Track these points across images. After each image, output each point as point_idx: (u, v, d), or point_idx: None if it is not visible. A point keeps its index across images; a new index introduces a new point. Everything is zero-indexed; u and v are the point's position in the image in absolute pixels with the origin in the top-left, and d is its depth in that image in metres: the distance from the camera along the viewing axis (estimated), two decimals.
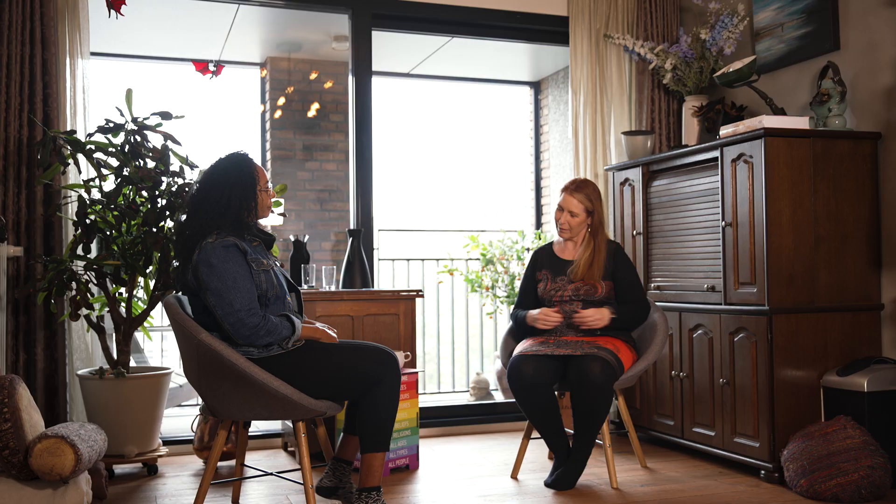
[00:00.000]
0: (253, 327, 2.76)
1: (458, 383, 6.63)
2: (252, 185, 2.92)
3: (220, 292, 2.76)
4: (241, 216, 2.89)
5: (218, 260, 2.77)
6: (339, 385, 2.88)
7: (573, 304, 3.59)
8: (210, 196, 2.88)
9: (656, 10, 4.80)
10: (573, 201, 3.64)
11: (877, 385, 3.33)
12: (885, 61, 3.64)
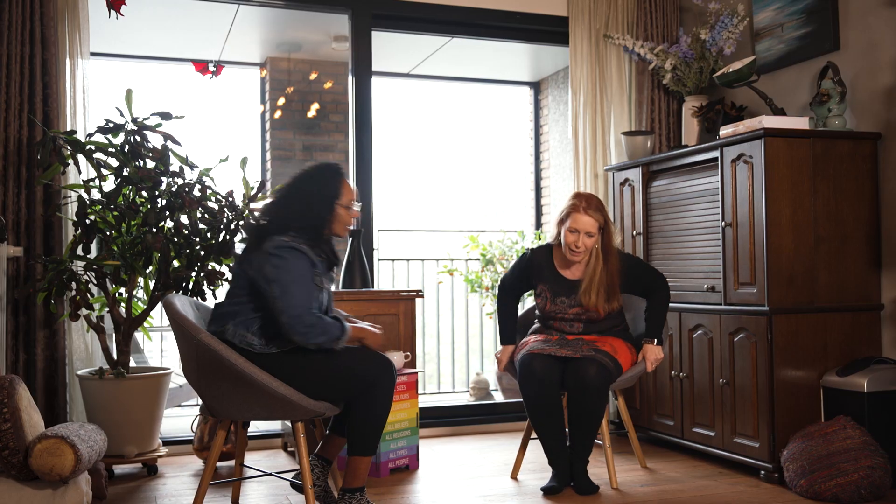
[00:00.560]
0: (310, 325, 2.76)
1: (458, 383, 6.63)
2: (333, 196, 2.92)
3: (286, 286, 2.76)
4: (318, 226, 2.91)
5: (292, 257, 2.80)
6: (336, 385, 2.87)
7: (575, 325, 3.51)
8: (293, 196, 2.92)
9: (656, 10, 4.80)
10: (589, 221, 3.39)
11: (876, 385, 3.33)
12: (884, 61, 3.64)
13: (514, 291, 3.69)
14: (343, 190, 2.96)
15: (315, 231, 2.91)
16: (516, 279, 3.65)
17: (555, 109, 6.46)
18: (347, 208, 2.97)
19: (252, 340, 2.84)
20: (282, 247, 2.80)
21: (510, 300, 3.68)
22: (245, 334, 2.84)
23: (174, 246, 3.68)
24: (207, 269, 3.74)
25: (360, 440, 2.88)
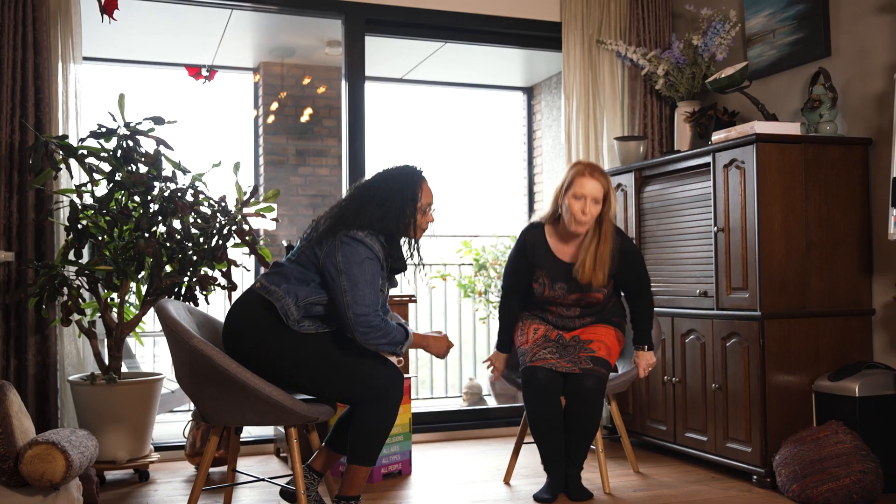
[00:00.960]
0: (374, 326, 2.76)
1: (451, 388, 6.62)
2: (411, 199, 2.90)
3: (357, 282, 2.74)
4: (395, 229, 2.88)
5: (367, 254, 2.78)
6: (347, 384, 2.83)
7: (572, 311, 3.45)
8: (373, 196, 2.89)
9: (649, 16, 4.81)
10: (596, 185, 3.21)
11: (868, 390, 3.34)
12: (875, 67, 3.66)
13: (515, 290, 3.50)
14: (421, 193, 2.94)
15: (389, 233, 2.89)
16: (515, 271, 3.46)
17: (548, 114, 6.47)
18: (424, 212, 2.95)
19: (292, 311, 2.79)
20: (356, 239, 2.78)
21: (512, 303, 3.52)
22: (290, 305, 2.79)
23: (166, 251, 3.67)
24: (200, 274, 3.73)
25: (362, 449, 2.84)
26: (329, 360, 2.82)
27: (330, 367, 2.82)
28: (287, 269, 2.87)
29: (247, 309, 2.86)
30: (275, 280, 2.85)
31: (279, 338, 2.80)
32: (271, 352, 2.80)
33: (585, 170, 3.24)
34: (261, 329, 2.81)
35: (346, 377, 2.82)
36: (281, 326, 2.80)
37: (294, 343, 2.80)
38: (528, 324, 3.49)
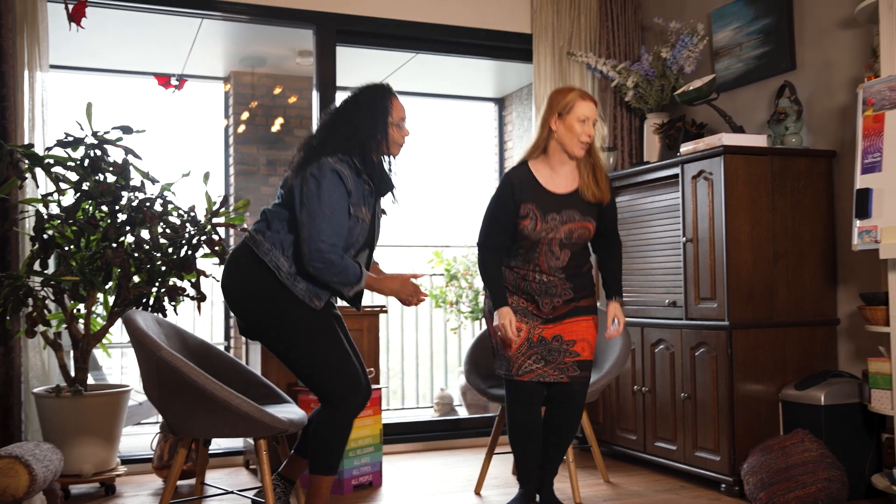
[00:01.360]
0: (328, 263, 2.69)
1: (423, 399, 6.61)
2: (382, 115, 2.83)
3: (315, 215, 2.69)
4: (367, 147, 2.81)
5: (327, 182, 2.71)
6: (311, 377, 2.81)
7: (561, 254, 3.13)
8: (341, 117, 2.83)
9: (618, 28, 4.86)
10: (593, 107, 3.14)
11: (833, 399, 3.38)
12: (839, 81, 3.72)
13: (497, 242, 3.17)
14: (392, 107, 2.86)
15: (363, 153, 2.81)
16: (495, 220, 3.16)
17: (519, 125, 6.50)
18: (398, 126, 2.87)
19: (281, 263, 2.76)
20: (322, 168, 2.72)
21: (494, 256, 3.18)
22: (278, 255, 2.76)
23: (134, 261, 3.63)
24: (169, 284, 3.69)
25: (318, 458, 2.83)
26: (306, 343, 2.79)
27: (303, 350, 2.79)
28: (271, 214, 2.83)
29: (238, 262, 2.84)
30: (261, 227, 2.82)
31: (276, 293, 2.76)
32: (261, 312, 2.79)
33: (583, 94, 3.14)
34: (255, 286, 2.78)
35: (311, 369, 2.80)
36: (276, 282, 2.76)
37: (284, 303, 2.77)
38: (527, 321, 3.19)
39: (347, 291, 2.79)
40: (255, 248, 2.78)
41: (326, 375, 2.79)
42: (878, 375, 3.17)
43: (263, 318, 2.80)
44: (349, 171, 2.76)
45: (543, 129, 3.16)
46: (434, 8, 4.74)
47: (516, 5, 4.88)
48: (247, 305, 2.82)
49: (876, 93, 3.11)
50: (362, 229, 2.85)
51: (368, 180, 2.85)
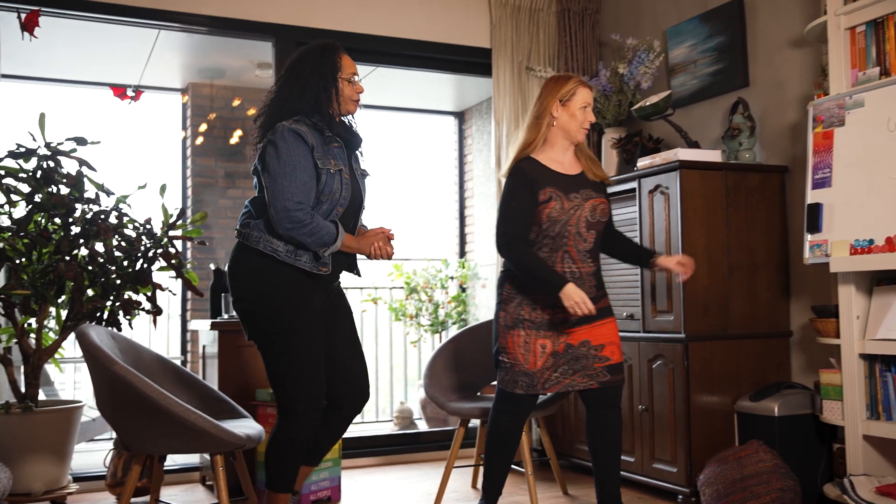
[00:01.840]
0: (297, 222, 2.61)
1: (382, 413, 6.58)
2: (332, 71, 2.76)
3: (276, 176, 2.62)
4: (320, 104, 2.74)
5: (283, 143, 2.65)
6: (270, 374, 2.74)
7: (588, 235, 3.04)
8: (290, 78, 2.78)
9: (576, 44, 4.92)
10: (591, 93, 3.14)
11: (786, 410, 3.44)
12: (790, 99, 3.81)
13: (524, 232, 3.02)
14: (342, 63, 2.80)
15: (318, 111, 2.74)
16: (519, 209, 3.00)
17: (479, 139, 6.53)
18: (350, 81, 2.81)
19: (277, 246, 2.68)
20: (277, 132, 2.67)
21: (525, 245, 3.00)
22: (270, 238, 2.68)
23: (88, 274, 3.57)
24: (123, 298, 3.64)
25: (272, 471, 2.74)
26: (281, 342, 2.69)
27: (276, 349, 2.71)
28: (252, 203, 2.78)
29: (236, 264, 2.76)
30: (245, 220, 2.76)
31: (276, 274, 2.69)
32: (263, 297, 2.71)
33: (582, 80, 3.12)
34: (258, 275, 2.71)
35: (275, 369, 2.72)
36: (277, 262, 2.68)
37: (284, 284, 2.69)
38: (534, 338, 3.02)
39: (324, 252, 2.68)
40: (246, 242, 2.72)
41: (288, 382, 2.71)
42: (829, 386, 3.23)
43: (262, 306, 2.71)
44: (308, 128, 2.70)
45: (543, 119, 3.09)
46: (394, 22, 4.75)
47: (476, 20, 4.92)
48: (255, 299, 2.72)
49: (825, 110, 3.19)
50: (342, 184, 2.75)
51: (335, 137, 2.78)
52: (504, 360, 3.06)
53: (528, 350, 3.02)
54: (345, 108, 2.81)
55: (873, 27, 3.11)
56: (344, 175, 2.76)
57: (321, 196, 2.70)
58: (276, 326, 2.69)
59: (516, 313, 3.03)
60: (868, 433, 3.06)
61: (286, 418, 2.73)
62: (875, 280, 3.13)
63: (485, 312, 5.80)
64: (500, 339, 3.07)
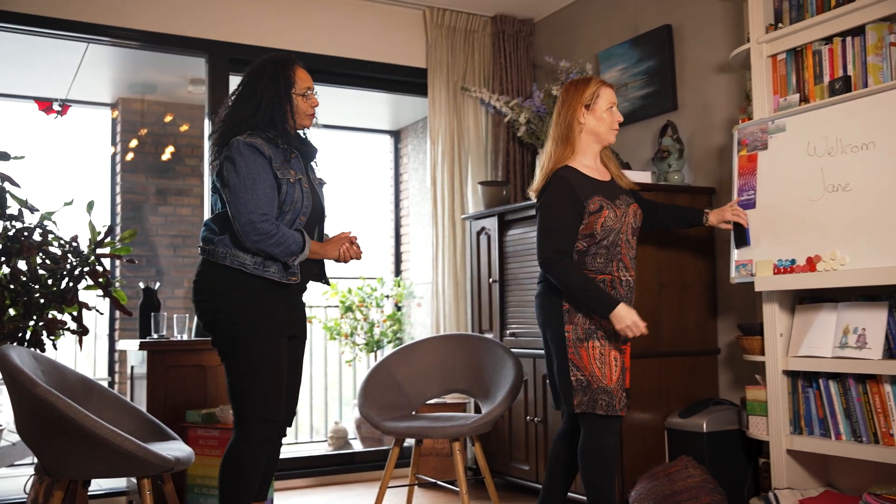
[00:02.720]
0: (263, 233, 2.60)
1: (317, 433, 6.50)
2: (286, 87, 2.75)
3: (237, 191, 2.62)
4: (275, 121, 2.72)
5: (241, 157, 2.64)
6: (230, 385, 2.69)
7: (633, 241, 2.99)
8: (244, 93, 2.76)
9: (511, 65, 4.99)
10: (614, 93, 3.04)
11: (714, 426, 3.51)
12: (717, 122, 3.92)
13: (572, 246, 2.88)
14: (296, 77, 2.80)
15: (273, 126, 2.72)
16: (569, 220, 2.86)
17: (414, 158, 6.55)
18: (304, 96, 2.80)
19: (245, 259, 2.66)
20: (233, 148, 2.65)
21: (573, 262, 2.87)
22: (237, 253, 2.67)
23: (10, 293, 3.45)
24: (47, 317, 3.52)
25: (226, 493, 2.67)
26: (243, 357, 2.66)
27: (239, 363, 2.66)
28: (214, 221, 2.76)
29: (203, 280, 2.73)
30: (208, 236, 2.73)
31: (247, 287, 2.67)
32: (230, 310, 2.67)
33: (602, 80, 3.02)
34: (225, 288, 2.68)
35: (241, 380, 2.66)
36: (245, 276, 2.66)
37: (256, 293, 2.67)
38: (608, 348, 2.86)
39: (293, 261, 2.67)
40: (212, 259, 2.70)
41: (250, 395, 2.66)
42: (755, 402, 3.31)
43: (230, 317, 2.67)
44: (264, 141, 2.70)
45: (574, 128, 2.95)
46: (330, 40, 4.75)
47: (411, 40, 4.95)
48: (223, 309, 2.68)
49: (749, 134, 3.29)
50: (303, 193, 2.74)
51: (291, 149, 2.77)
52: (579, 378, 2.84)
53: (604, 363, 2.84)
54: (300, 123, 2.82)
55: (793, 55, 3.23)
56: (304, 184, 2.76)
57: (283, 206, 2.69)
58: (243, 337, 2.66)
59: (586, 324, 2.85)
60: (791, 447, 3.14)
61: (243, 433, 2.67)
62: (797, 299, 3.24)
63: (420, 331, 5.79)
64: (572, 355, 2.84)
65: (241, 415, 2.68)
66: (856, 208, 2.87)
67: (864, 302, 2.96)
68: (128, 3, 4.30)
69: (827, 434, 3.04)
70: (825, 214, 2.96)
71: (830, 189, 2.97)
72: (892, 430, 2.83)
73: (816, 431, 3.08)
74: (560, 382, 2.89)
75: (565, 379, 2.86)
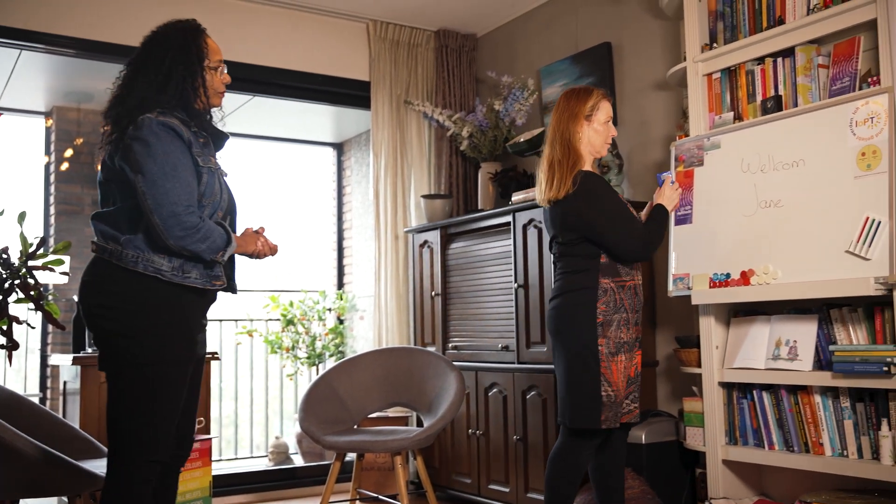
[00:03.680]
0: (189, 228, 2.23)
1: (258, 448, 6.41)
2: (197, 59, 2.39)
3: (156, 179, 2.22)
4: (187, 97, 2.37)
5: (157, 140, 2.25)
6: (127, 412, 2.28)
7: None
8: (148, 63, 2.37)
9: (454, 80, 5.02)
10: (610, 106, 3.03)
11: (653, 437, 3.56)
12: (655, 138, 4.00)
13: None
14: (208, 49, 2.43)
15: (185, 104, 2.37)
16: (627, 208, 2.98)
17: (357, 171, 6.53)
18: (217, 71, 2.45)
19: (161, 265, 2.27)
20: (143, 127, 2.26)
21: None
22: (151, 257, 2.27)
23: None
24: None
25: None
26: (140, 382, 2.24)
27: (143, 386, 2.25)
28: (112, 217, 2.34)
29: (102, 286, 2.31)
30: (109, 233, 2.32)
31: (161, 297, 2.29)
32: (136, 329, 2.27)
33: (603, 92, 3.02)
34: (136, 304, 2.27)
35: (136, 407, 2.26)
36: (162, 284, 2.28)
37: (172, 304, 2.30)
38: (629, 362, 2.86)
39: (221, 257, 2.33)
40: (118, 262, 2.27)
41: (144, 424, 2.27)
42: (692, 414, 3.37)
43: (137, 334, 2.27)
44: (179, 121, 2.33)
45: (576, 139, 2.93)
46: (272, 52, 4.72)
47: (355, 53, 4.94)
48: (130, 325, 2.28)
49: (686, 150, 3.37)
50: (221, 184, 2.43)
51: (201, 132, 2.42)
52: (609, 394, 2.81)
53: (626, 376, 2.85)
54: (212, 102, 2.48)
55: (728, 75, 3.32)
56: (221, 175, 2.46)
57: (203, 199, 2.35)
58: (150, 363, 2.26)
59: (617, 337, 2.83)
60: (727, 458, 3.21)
61: (125, 474, 2.27)
62: (732, 311, 3.31)
63: (363, 344, 5.76)
64: (604, 370, 2.80)
65: (124, 451, 2.26)
66: (787, 223, 2.95)
67: (795, 315, 3.05)
68: (63, 11, 4.21)
69: (760, 444, 3.11)
70: (758, 229, 3.04)
71: (763, 205, 3.05)
72: (821, 440, 2.91)
73: (751, 442, 3.15)
74: (589, 396, 2.80)
75: (596, 394, 2.80)
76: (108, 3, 4.32)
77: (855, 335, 2.84)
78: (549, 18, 4.67)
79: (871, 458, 2.77)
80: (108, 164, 2.36)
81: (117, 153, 2.32)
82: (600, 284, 2.84)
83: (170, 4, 4.35)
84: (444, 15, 4.91)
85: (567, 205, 2.86)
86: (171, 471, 2.46)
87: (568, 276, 2.90)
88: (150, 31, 2.45)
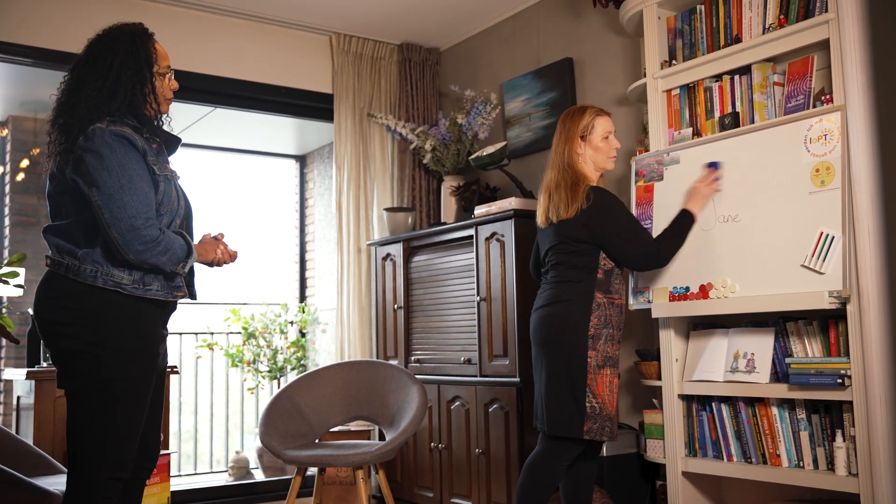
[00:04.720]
0: (150, 241, 2.18)
1: (217, 463, 6.32)
2: (146, 64, 2.31)
3: (112, 192, 2.16)
4: (137, 104, 2.29)
5: (110, 151, 2.18)
6: (86, 429, 2.21)
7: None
8: (96, 69, 2.28)
9: (417, 93, 5.03)
10: (611, 120, 3.09)
11: (615, 450, 3.58)
12: None
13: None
14: (157, 54, 2.36)
15: (135, 111, 2.30)
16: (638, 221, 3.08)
17: (320, 183, 6.51)
18: (164, 75, 2.38)
19: (121, 278, 2.22)
20: (95, 137, 2.19)
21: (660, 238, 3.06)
22: (111, 271, 2.22)
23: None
24: None
25: None
26: (111, 394, 2.19)
27: (103, 402, 2.19)
28: (67, 229, 2.27)
29: (59, 302, 2.23)
30: (65, 247, 2.24)
31: (121, 311, 2.23)
32: (97, 347, 2.20)
33: (597, 110, 3.07)
34: (97, 322, 2.21)
35: (95, 424, 2.19)
36: (122, 298, 2.23)
37: (133, 316, 2.24)
38: (615, 377, 2.91)
39: (182, 268, 2.30)
40: (76, 277, 2.21)
41: (104, 442, 2.21)
42: (652, 426, 3.40)
43: (98, 350, 2.20)
44: (130, 129, 2.26)
45: (574, 158, 3.00)
46: (234, 63, 4.69)
47: (318, 65, 4.94)
48: (92, 341, 2.21)
49: (646, 165, 3.41)
50: (178, 191, 2.38)
51: (153, 138, 2.36)
52: (593, 405, 2.84)
53: (611, 391, 2.89)
54: (161, 109, 2.41)
55: (686, 91, 3.37)
56: (177, 182, 2.40)
57: (160, 207, 2.29)
58: (114, 374, 2.20)
59: (605, 350, 2.88)
60: (687, 469, 3.24)
61: (87, 486, 2.20)
62: (692, 325, 3.35)
63: (325, 358, 5.73)
64: (590, 381, 2.85)
65: (86, 468, 2.20)
66: (744, 238, 3.00)
67: (752, 328, 3.09)
68: (19, 19, 4.15)
69: (719, 456, 3.15)
70: (717, 244, 3.08)
71: (721, 219, 3.09)
72: (778, 451, 2.95)
73: (710, 453, 3.19)
74: (574, 405, 2.84)
75: (580, 403, 2.83)
76: (65, 13, 4.27)
77: (810, 348, 2.89)
78: (511, 33, 4.70)
79: (826, 468, 2.82)
80: (58, 175, 2.29)
81: (68, 165, 2.25)
82: (595, 298, 2.89)
83: (130, 15, 4.31)
84: (407, 29, 4.93)
85: (583, 219, 2.91)
86: (136, 484, 2.41)
87: (561, 285, 2.94)
88: (95, 33, 2.36)
